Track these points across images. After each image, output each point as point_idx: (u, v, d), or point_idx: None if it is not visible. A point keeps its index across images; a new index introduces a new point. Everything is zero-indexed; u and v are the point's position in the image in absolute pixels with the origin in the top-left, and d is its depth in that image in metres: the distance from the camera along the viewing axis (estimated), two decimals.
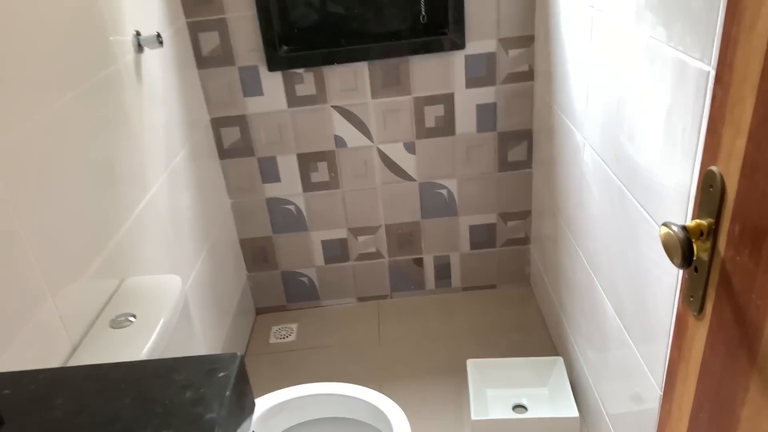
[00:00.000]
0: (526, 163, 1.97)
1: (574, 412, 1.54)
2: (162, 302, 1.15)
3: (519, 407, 1.68)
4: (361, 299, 2.21)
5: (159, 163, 1.47)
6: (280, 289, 2.19)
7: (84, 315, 1.08)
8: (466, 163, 1.96)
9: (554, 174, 1.70)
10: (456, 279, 2.17)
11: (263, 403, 1.32)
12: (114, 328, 1.09)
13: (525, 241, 2.11)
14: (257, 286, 2.18)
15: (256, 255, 2.12)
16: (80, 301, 1.06)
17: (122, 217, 1.24)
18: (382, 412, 1.28)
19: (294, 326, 2.15)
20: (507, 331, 2.00)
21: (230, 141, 1.92)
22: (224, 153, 1.94)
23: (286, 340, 2.09)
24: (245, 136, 1.91)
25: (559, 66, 1.58)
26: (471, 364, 1.73)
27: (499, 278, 2.17)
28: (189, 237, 1.63)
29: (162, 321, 1.10)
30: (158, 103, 1.49)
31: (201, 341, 1.30)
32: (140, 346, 1.04)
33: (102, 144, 1.19)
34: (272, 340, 2.10)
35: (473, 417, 1.57)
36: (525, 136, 1.92)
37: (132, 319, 1.11)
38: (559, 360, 1.71)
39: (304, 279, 2.17)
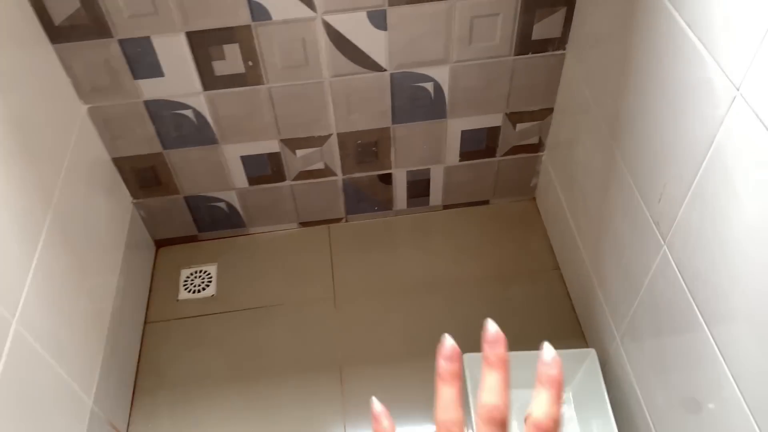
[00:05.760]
0: (559, 41, 1.26)
1: None
2: None
3: None
4: (305, 224, 1.59)
5: None
6: (186, 217, 1.52)
7: None
8: (466, 42, 1.23)
9: (612, 62, 1.03)
10: (436, 196, 1.56)
11: None
12: None
13: (537, 147, 1.48)
14: (152, 216, 1.50)
15: (144, 178, 1.40)
16: None
17: None
18: None
19: (212, 269, 1.53)
20: (504, 260, 1.48)
21: (64, 14, 1.08)
22: (57, 34, 1.11)
23: (202, 294, 1.48)
24: (89, 4, 1.08)
25: None
26: (469, 360, 1.20)
27: (494, 193, 1.58)
28: (24, 165, 0.92)
29: None
30: None
31: None
32: None
33: None
34: (182, 294, 1.49)
35: None
36: (564, 1, 1.19)
37: None
38: (591, 353, 1.22)
39: (221, 204, 1.50)
